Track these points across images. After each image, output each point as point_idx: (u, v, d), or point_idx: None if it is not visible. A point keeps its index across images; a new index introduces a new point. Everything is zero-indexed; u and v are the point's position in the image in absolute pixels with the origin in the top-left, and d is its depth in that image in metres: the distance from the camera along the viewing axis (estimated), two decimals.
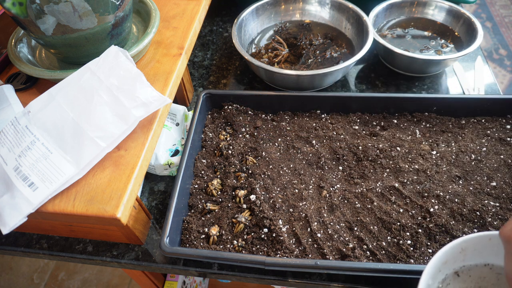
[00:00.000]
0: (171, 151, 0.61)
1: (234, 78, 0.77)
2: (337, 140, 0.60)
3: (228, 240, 0.50)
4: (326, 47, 0.74)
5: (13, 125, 0.47)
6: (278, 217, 0.51)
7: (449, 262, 0.39)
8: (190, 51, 0.63)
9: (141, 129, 0.49)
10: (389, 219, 0.49)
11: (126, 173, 0.45)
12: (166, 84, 0.54)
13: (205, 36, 0.88)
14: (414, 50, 0.74)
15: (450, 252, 0.38)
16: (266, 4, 0.80)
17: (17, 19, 0.48)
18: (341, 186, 0.54)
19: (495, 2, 2.36)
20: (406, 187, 0.53)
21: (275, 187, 0.55)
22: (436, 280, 0.39)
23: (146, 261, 0.52)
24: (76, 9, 0.47)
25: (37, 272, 1.41)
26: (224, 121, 0.65)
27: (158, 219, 0.56)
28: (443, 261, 0.38)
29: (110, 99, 0.47)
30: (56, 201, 0.43)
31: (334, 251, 0.47)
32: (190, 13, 0.66)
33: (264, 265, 0.44)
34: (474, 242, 0.39)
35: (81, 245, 0.54)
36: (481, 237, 0.39)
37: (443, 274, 0.40)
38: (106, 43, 0.53)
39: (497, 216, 0.49)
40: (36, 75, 0.52)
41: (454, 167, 0.55)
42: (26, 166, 0.43)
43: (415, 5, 0.80)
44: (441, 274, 0.40)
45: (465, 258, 0.40)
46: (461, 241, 0.38)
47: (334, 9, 0.80)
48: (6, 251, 0.55)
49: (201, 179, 0.57)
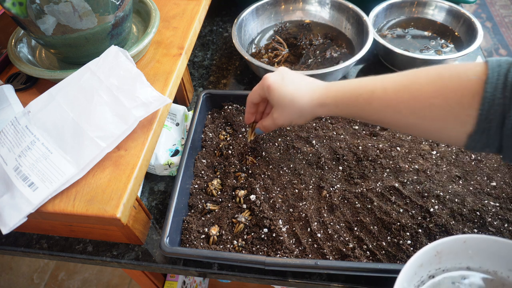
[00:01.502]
0: (171, 151, 0.61)
1: (234, 78, 0.77)
2: (337, 140, 0.60)
3: (228, 240, 0.50)
4: (326, 47, 0.74)
5: (13, 125, 0.47)
6: (278, 217, 0.51)
7: (424, 265, 0.39)
8: (190, 51, 0.63)
9: (141, 129, 0.49)
10: (389, 219, 0.49)
11: (126, 173, 0.45)
12: (166, 84, 0.54)
13: (205, 36, 0.88)
14: (414, 50, 0.74)
15: (425, 255, 0.39)
16: (266, 4, 0.80)
17: (17, 19, 0.48)
18: (341, 186, 0.54)
19: (495, 2, 2.36)
20: (406, 187, 0.53)
21: (275, 187, 0.55)
22: (412, 283, 0.39)
23: (146, 261, 0.52)
24: (76, 9, 0.47)
25: (37, 272, 1.41)
26: (224, 121, 0.65)
27: (158, 219, 0.56)
28: (418, 264, 0.39)
29: (110, 99, 0.47)
30: (56, 201, 0.43)
31: (334, 251, 0.47)
32: (190, 13, 0.66)
33: (264, 265, 0.44)
34: (449, 245, 0.39)
35: (81, 245, 0.54)
36: (455, 240, 0.39)
37: (418, 276, 0.40)
38: (106, 43, 0.53)
39: (497, 216, 0.49)
40: (36, 75, 0.52)
41: (454, 167, 0.55)
42: (26, 166, 0.43)
43: (415, 5, 0.80)
44: (417, 276, 0.40)
45: (441, 260, 0.40)
46: (435, 244, 0.38)
47: (334, 9, 0.80)
48: (6, 251, 0.55)
49: (201, 179, 0.57)
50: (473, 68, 0.35)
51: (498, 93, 0.33)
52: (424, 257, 0.38)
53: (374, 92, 0.41)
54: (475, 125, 0.35)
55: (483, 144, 0.36)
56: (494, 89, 0.33)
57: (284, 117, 0.49)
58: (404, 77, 0.40)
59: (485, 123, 0.34)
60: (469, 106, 0.35)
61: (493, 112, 0.34)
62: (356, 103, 0.43)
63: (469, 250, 0.40)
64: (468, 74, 0.35)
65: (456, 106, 0.36)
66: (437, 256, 0.39)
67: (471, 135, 0.36)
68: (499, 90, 0.33)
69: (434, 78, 0.37)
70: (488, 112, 0.34)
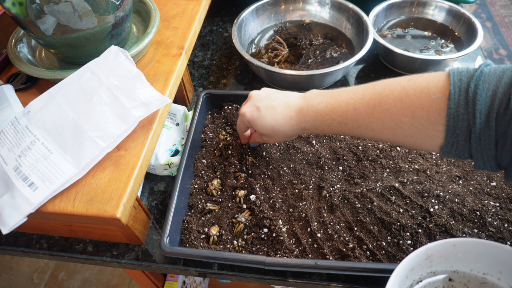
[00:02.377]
0: (171, 151, 0.61)
1: (234, 78, 0.77)
2: (337, 140, 0.60)
3: (228, 240, 0.50)
4: (326, 47, 0.74)
5: (13, 125, 0.47)
6: (278, 217, 0.51)
7: (416, 269, 0.40)
8: (190, 51, 0.63)
9: (141, 129, 0.49)
10: (389, 219, 0.49)
11: (126, 173, 0.45)
12: (166, 84, 0.54)
13: (205, 36, 0.88)
14: (414, 50, 0.74)
15: (416, 259, 0.39)
16: (266, 4, 0.80)
17: (17, 19, 0.48)
18: (341, 186, 0.54)
19: (495, 2, 2.36)
20: (406, 187, 0.53)
21: (275, 187, 0.55)
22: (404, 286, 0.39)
23: (146, 261, 0.52)
24: (76, 9, 0.47)
25: (37, 272, 1.41)
26: (224, 121, 0.65)
27: (158, 219, 0.56)
28: (409, 268, 0.39)
29: (110, 99, 0.47)
30: (56, 201, 0.43)
31: (334, 251, 0.47)
32: (190, 13, 0.66)
33: (264, 265, 0.44)
34: (439, 249, 0.39)
35: (81, 245, 0.54)
36: (445, 243, 0.39)
37: (410, 280, 0.40)
38: (106, 43, 0.53)
39: (497, 216, 0.49)
40: (36, 75, 0.52)
41: (454, 167, 0.55)
42: (26, 166, 0.43)
43: (415, 5, 0.80)
44: (408, 280, 0.40)
45: (432, 264, 0.40)
46: (426, 248, 0.39)
47: (334, 9, 0.80)
48: (6, 251, 0.55)
49: (201, 179, 0.57)
50: (436, 83, 0.36)
51: (461, 109, 0.34)
52: (414, 260, 0.39)
53: (347, 114, 0.43)
54: (444, 139, 0.36)
55: (454, 155, 0.37)
56: (457, 105, 0.34)
57: (272, 140, 0.52)
58: (373, 96, 0.41)
59: (453, 137, 0.36)
60: (436, 122, 0.36)
61: (459, 127, 0.35)
62: (332, 124, 0.45)
63: (459, 254, 0.40)
64: (432, 91, 0.36)
65: (425, 123, 0.37)
66: (428, 260, 0.40)
67: (442, 147, 0.37)
68: (462, 106, 0.34)
69: (401, 96, 0.38)
70: (455, 128, 0.35)
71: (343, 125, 0.44)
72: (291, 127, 0.48)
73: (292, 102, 0.48)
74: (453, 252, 0.40)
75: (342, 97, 0.44)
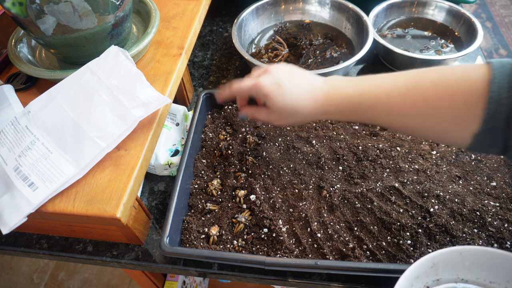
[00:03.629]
0: (171, 151, 0.61)
1: (234, 78, 0.77)
2: (337, 140, 0.60)
3: (228, 240, 0.50)
4: (326, 47, 0.74)
5: (13, 125, 0.47)
6: (278, 217, 0.51)
7: (421, 277, 0.39)
8: (190, 51, 0.63)
9: (141, 129, 0.49)
10: (389, 219, 0.49)
11: (126, 173, 0.45)
12: (166, 84, 0.54)
13: (205, 36, 0.88)
14: (414, 50, 0.74)
15: (421, 267, 0.38)
16: (266, 4, 0.80)
17: (17, 19, 0.48)
18: (341, 186, 0.54)
19: (495, 2, 2.36)
20: (406, 187, 0.53)
21: (275, 187, 0.55)
22: None
23: (146, 261, 0.52)
24: (76, 9, 0.47)
25: (37, 272, 1.41)
26: (224, 121, 0.65)
27: (158, 219, 0.56)
28: (415, 276, 0.38)
29: (110, 99, 0.47)
30: (56, 201, 0.43)
31: (334, 251, 0.47)
32: (190, 13, 0.66)
33: (264, 265, 0.44)
34: (445, 257, 0.39)
35: (81, 245, 0.54)
36: (452, 251, 0.39)
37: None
38: (106, 43, 0.53)
39: (497, 216, 0.49)
40: (36, 75, 0.52)
41: (454, 167, 0.55)
42: (26, 166, 0.43)
43: (415, 5, 0.80)
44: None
45: (438, 272, 0.40)
46: (431, 256, 0.38)
47: (334, 9, 0.80)
48: (6, 251, 0.55)
49: (201, 179, 0.57)
50: (476, 69, 0.36)
51: (503, 92, 0.33)
52: (420, 269, 0.38)
53: (378, 97, 0.41)
54: (481, 124, 0.35)
55: (488, 144, 0.36)
56: (499, 88, 0.33)
57: (283, 122, 0.49)
58: (407, 80, 0.40)
59: (492, 122, 0.34)
60: (475, 106, 0.35)
61: (499, 111, 0.34)
62: (359, 109, 0.43)
63: (465, 262, 0.39)
64: (472, 75, 0.35)
65: (463, 107, 0.36)
66: (433, 268, 0.39)
67: (476, 134, 0.36)
68: (505, 90, 0.33)
69: (438, 80, 0.37)
70: (495, 111, 0.34)
71: (372, 110, 0.41)
72: (313, 109, 0.45)
73: (318, 84, 0.45)
74: (459, 260, 0.39)
75: (371, 81, 0.42)
